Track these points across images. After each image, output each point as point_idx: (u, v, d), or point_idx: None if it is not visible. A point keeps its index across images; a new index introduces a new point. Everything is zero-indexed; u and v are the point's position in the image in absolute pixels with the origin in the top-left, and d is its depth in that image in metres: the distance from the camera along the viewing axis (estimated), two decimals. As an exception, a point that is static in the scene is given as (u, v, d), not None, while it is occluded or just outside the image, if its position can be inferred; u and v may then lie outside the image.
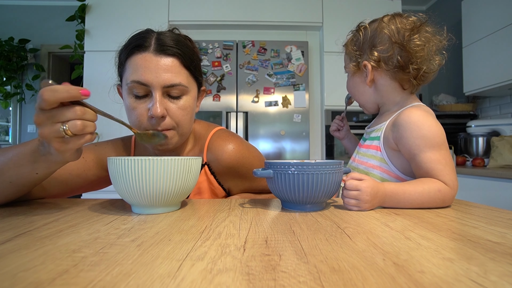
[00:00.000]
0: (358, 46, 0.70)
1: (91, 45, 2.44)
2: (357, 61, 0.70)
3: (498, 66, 1.93)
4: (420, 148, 0.56)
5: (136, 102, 0.61)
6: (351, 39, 0.73)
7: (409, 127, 0.58)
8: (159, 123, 0.61)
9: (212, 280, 0.23)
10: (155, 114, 0.58)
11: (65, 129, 0.42)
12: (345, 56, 0.76)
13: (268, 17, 2.54)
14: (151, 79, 0.58)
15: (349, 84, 0.76)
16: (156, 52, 0.59)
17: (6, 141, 3.19)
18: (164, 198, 0.48)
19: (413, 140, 0.57)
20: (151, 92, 0.60)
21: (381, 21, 0.67)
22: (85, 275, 0.24)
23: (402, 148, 0.60)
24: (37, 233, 0.37)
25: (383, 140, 0.66)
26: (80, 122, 0.42)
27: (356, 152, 0.76)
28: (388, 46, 0.65)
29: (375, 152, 0.68)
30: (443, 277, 0.24)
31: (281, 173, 0.50)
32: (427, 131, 0.57)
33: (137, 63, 0.59)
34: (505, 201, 1.52)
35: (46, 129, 0.42)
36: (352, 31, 0.74)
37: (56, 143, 0.43)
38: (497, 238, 0.34)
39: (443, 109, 2.47)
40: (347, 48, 0.73)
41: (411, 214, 0.48)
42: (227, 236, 0.35)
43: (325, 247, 0.31)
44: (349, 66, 0.72)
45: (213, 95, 2.39)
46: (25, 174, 0.50)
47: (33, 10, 3.17)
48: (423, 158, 0.56)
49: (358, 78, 0.72)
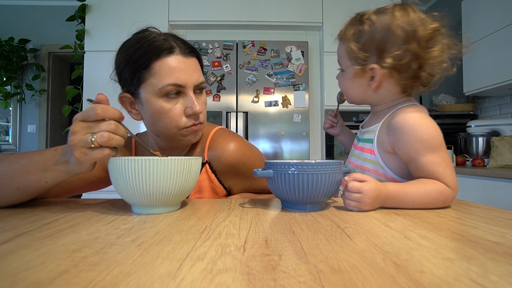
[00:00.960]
0: (363, 45, 0.60)
1: (91, 45, 2.44)
2: (361, 64, 0.61)
3: (498, 66, 1.93)
4: (419, 152, 0.55)
5: (169, 104, 0.62)
6: (353, 33, 0.62)
7: (406, 131, 0.56)
8: (197, 119, 0.65)
9: (212, 280, 0.23)
10: (198, 110, 0.63)
11: (92, 140, 0.45)
12: (342, 50, 0.66)
13: (268, 17, 2.54)
14: (186, 79, 0.62)
15: (347, 84, 0.68)
16: (183, 54, 0.63)
17: (6, 141, 3.19)
18: (164, 198, 0.48)
19: (411, 144, 0.55)
20: (182, 92, 0.63)
21: (393, 16, 0.58)
22: (85, 275, 0.24)
23: (399, 152, 0.58)
24: (37, 233, 0.37)
25: (377, 144, 0.63)
26: (107, 134, 0.45)
27: (351, 154, 0.74)
28: (404, 53, 0.57)
29: (369, 156, 0.65)
30: (443, 277, 0.24)
31: (281, 173, 0.50)
32: (425, 133, 0.55)
33: (170, 66, 0.60)
34: (505, 201, 1.52)
35: (78, 136, 0.45)
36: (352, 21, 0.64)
37: (79, 152, 0.46)
38: (497, 238, 0.34)
39: (443, 109, 2.47)
40: (347, 44, 0.62)
41: (411, 214, 0.48)
42: (227, 236, 0.35)
43: (325, 247, 0.31)
44: (349, 67, 0.64)
45: (213, 95, 2.39)
46: (33, 181, 0.51)
47: (33, 10, 3.17)
48: (422, 162, 0.55)
49: (359, 80, 0.64)
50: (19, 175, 0.51)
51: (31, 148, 3.17)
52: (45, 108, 3.21)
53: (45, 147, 3.15)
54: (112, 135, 0.46)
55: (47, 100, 3.23)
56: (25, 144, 3.19)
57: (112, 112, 0.47)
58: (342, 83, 0.70)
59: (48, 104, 3.24)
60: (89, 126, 0.46)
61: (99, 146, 0.46)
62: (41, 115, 3.21)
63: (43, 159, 0.51)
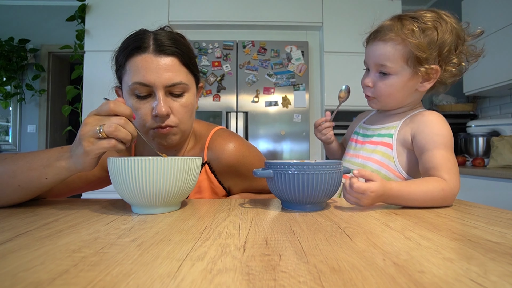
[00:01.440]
0: (428, 46, 0.60)
1: (91, 45, 2.44)
2: (423, 66, 0.61)
3: (498, 66, 1.93)
4: (435, 144, 0.60)
5: (139, 103, 0.61)
6: (414, 33, 0.60)
7: (431, 124, 0.62)
8: (163, 121, 0.62)
9: (212, 280, 0.23)
10: (160, 113, 0.59)
11: (100, 131, 0.46)
12: (393, 51, 0.62)
13: (268, 17, 2.54)
14: (153, 79, 0.59)
15: (396, 87, 0.65)
16: (155, 53, 0.60)
17: (6, 141, 3.19)
18: (164, 198, 0.48)
19: (431, 136, 0.61)
20: (154, 92, 0.61)
21: (450, 20, 0.61)
22: (85, 275, 0.24)
23: (417, 142, 0.62)
24: (37, 233, 0.37)
25: (397, 137, 0.67)
26: (114, 124, 0.47)
27: (358, 149, 0.74)
28: (459, 59, 0.63)
29: (384, 149, 0.67)
30: (443, 277, 0.24)
31: (281, 173, 0.50)
32: (446, 131, 0.61)
33: (138, 65, 0.59)
34: (505, 201, 1.52)
35: (88, 127, 0.47)
36: (401, 21, 0.62)
37: (87, 141, 0.47)
38: (497, 238, 0.34)
39: (443, 109, 2.47)
40: (412, 43, 0.60)
41: (411, 214, 0.48)
42: (227, 236, 0.35)
43: (325, 247, 0.31)
44: (404, 69, 0.63)
45: (213, 95, 2.39)
46: (34, 178, 0.51)
47: (33, 10, 3.17)
48: (436, 154, 0.58)
49: (411, 82, 0.64)
50: (21, 172, 0.51)
51: (31, 148, 3.17)
52: (45, 108, 3.21)
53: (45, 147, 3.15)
54: (120, 127, 0.47)
55: (47, 100, 3.23)
56: (25, 144, 3.19)
57: (123, 108, 0.49)
58: (387, 87, 0.66)
59: (48, 104, 3.24)
60: (101, 118, 0.48)
61: (107, 137, 0.47)
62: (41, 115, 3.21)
63: (46, 156, 0.52)
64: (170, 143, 0.65)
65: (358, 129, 0.80)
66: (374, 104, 0.71)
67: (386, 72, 0.65)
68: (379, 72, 0.66)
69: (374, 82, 0.67)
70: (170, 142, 0.65)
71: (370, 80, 0.67)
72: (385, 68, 0.64)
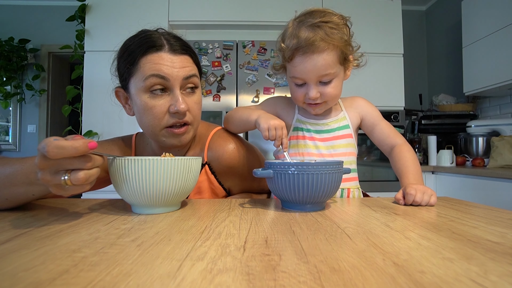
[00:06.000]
0: (348, 44, 0.66)
1: (91, 45, 2.44)
2: (351, 57, 0.69)
3: (498, 66, 1.93)
4: (379, 118, 0.77)
5: (153, 100, 0.61)
6: (339, 37, 0.64)
7: (367, 105, 0.78)
8: (181, 118, 0.62)
9: (212, 280, 0.23)
10: (181, 109, 0.60)
11: (66, 180, 0.39)
12: (330, 57, 0.64)
13: (268, 17, 2.54)
14: (171, 72, 0.60)
15: (339, 87, 0.69)
16: (171, 51, 0.61)
17: (6, 141, 3.19)
18: (164, 198, 0.48)
19: (374, 112, 0.77)
20: (169, 88, 0.61)
21: (338, 15, 0.67)
22: (85, 275, 0.24)
23: (367, 121, 0.77)
24: (37, 233, 0.37)
25: (351, 124, 0.76)
26: (83, 174, 0.39)
27: (320, 147, 0.73)
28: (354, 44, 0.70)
29: (349, 140, 0.75)
30: (443, 277, 0.24)
31: (281, 173, 0.50)
32: (374, 106, 0.79)
33: (154, 60, 0.60)
34: (505, 201, 1.52)
35: (47, 175, 0.39)
36: (330, 29, 0.63)
37: (55, 189, 0.41)
38: (497, 238, 0.34)
39: (443, 109, 2.47)
40: (342, 48, 0.65)
41: (411, 214, 0.48)
42: (227, 236, 0.35)
43: (325, 247, 0.31)
44: (340, 70, 0.67)
45: (213, 95, 2.39)
46: (21, 193, 0.49)
47: (33, 10, 3.17)
48: (383, 125, 0.76)
49: (344, 76, 0.71)
50: (5, 187, 0.48)
51: (31, 148, 3.16)
52: (45, 108, 3.21)
53: (45, 147, 3.13)
54: (89, 172, 0.40)
55: (47, 100, 3.22)
56: (25, 144, 3.19)
57: (72, 149, 0.37)
58: (334, 90, 0.68)
59: (48, 104, 3.23)
60: (58, 163, 0.39)
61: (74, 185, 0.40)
62: (41, 115, 3.20)
63: (25, 172, 0.47)
64: (183, 142, 0.65)
65: (299, 124, 0.76)
66: (320, 110, 0.72)
67: (328, 79, 0.66)
68: (319, 82, 0.67)
69: (319, 92, 0.68)
70: (183, 141, 0.65)
71: (316, 92, 0.67)
72: (328, 76, 0.66)
